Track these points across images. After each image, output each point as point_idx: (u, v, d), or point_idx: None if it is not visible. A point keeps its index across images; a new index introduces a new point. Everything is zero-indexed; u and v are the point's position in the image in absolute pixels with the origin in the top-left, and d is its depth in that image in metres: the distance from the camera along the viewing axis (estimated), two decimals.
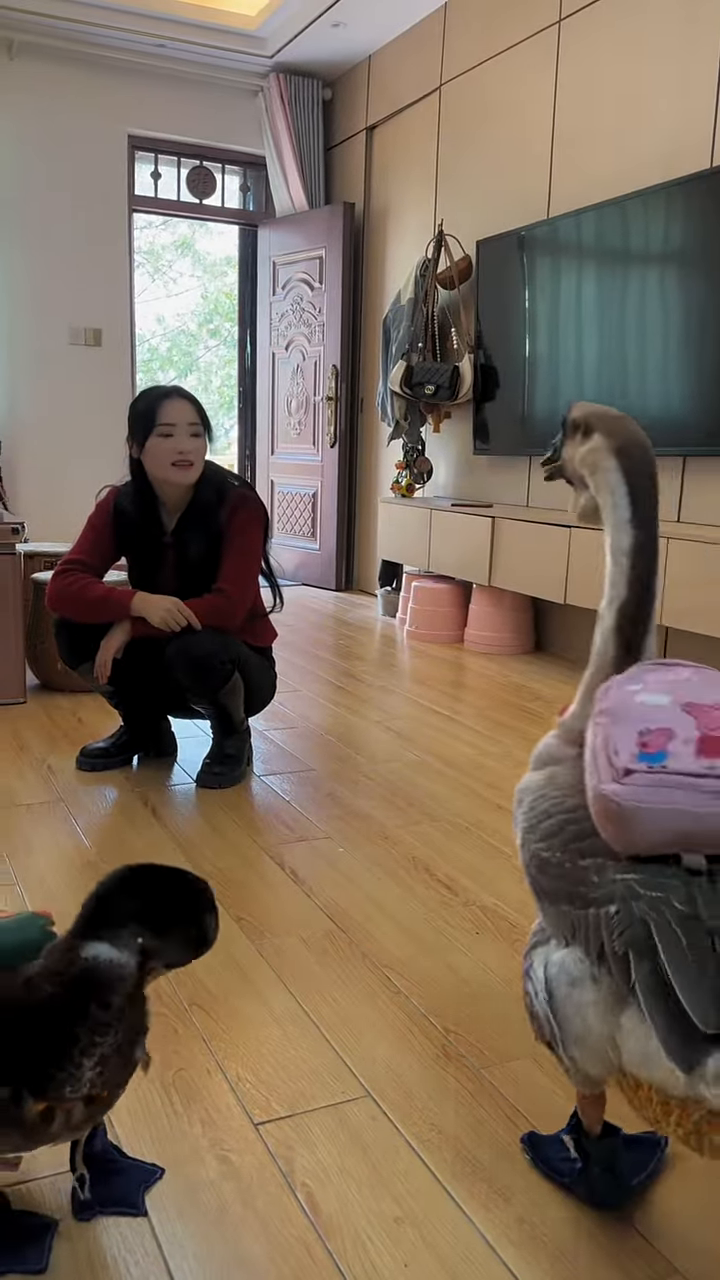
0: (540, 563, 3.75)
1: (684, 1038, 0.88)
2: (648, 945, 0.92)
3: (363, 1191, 1.17)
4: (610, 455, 1.18)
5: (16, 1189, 1.15)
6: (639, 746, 0.97)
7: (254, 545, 2.52)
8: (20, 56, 5.23)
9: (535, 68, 4.17)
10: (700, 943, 0.89)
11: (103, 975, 0.95)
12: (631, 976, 0.93)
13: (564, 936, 1.05)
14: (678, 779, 0.94)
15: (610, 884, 0.98)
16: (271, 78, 5.62)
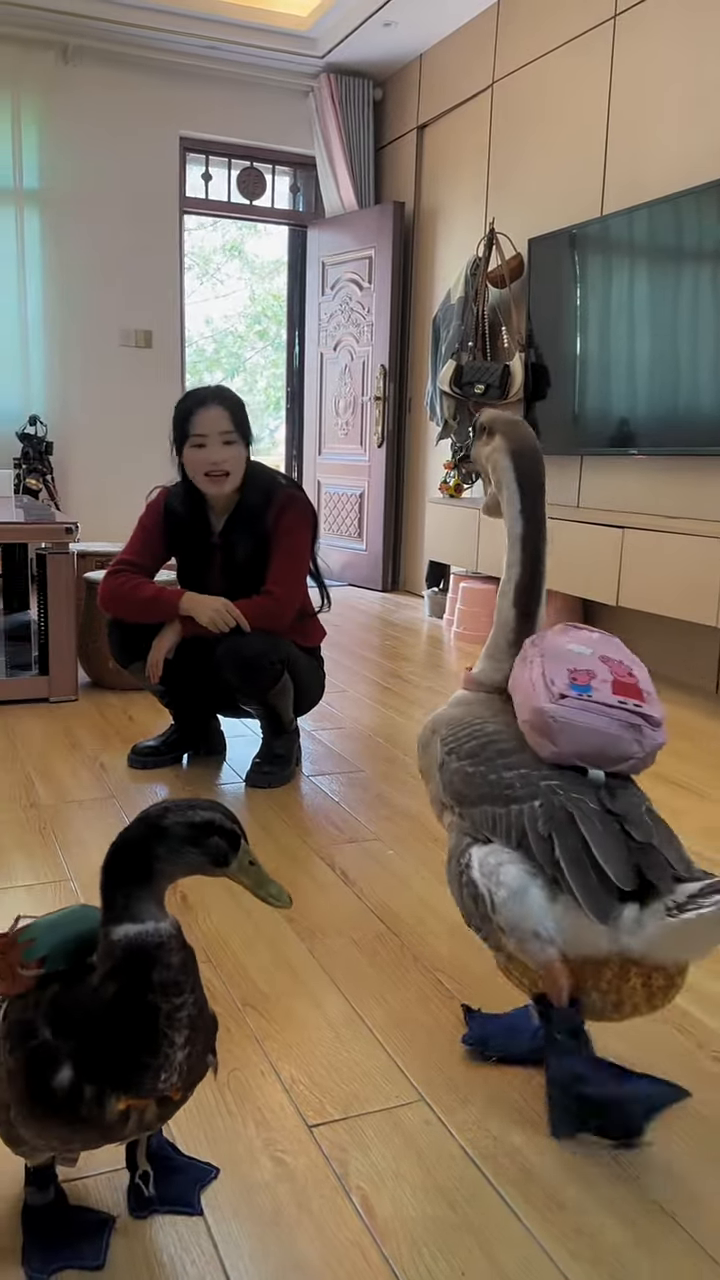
0: (591, 564, 3.71)
1: (602, 897, 1.11)
2: (571, 828, 1.16)
3: (418, 1196, 1.16)
4: (506, 455, 1.42)
5: (73, 1185, 1.15)
6: (571, 679, 1.23)
7: (302, 546, 2.51)
8: (75, 61, 5.29)
9: (590, 64, 4.13)
10: (612, 827, 1.16)
11: (142, 947, 0.95)
12: (555, 852, 1.16)
13: (484, 834, 1.27)
14: (599, 707, 1.21)
15: (534, 786, 1.23)
16: (322, 78, 5.62)
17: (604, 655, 1.28)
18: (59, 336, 5.49)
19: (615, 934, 1.09)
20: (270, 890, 1.00)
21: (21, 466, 5.28)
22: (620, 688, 1.23)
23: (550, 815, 1.18)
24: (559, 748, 1.22)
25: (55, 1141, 0.98)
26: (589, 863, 1.13)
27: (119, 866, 0.96)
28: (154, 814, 0.96)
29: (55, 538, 3.16)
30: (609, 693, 1.22)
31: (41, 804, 2.35)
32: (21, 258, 5.35)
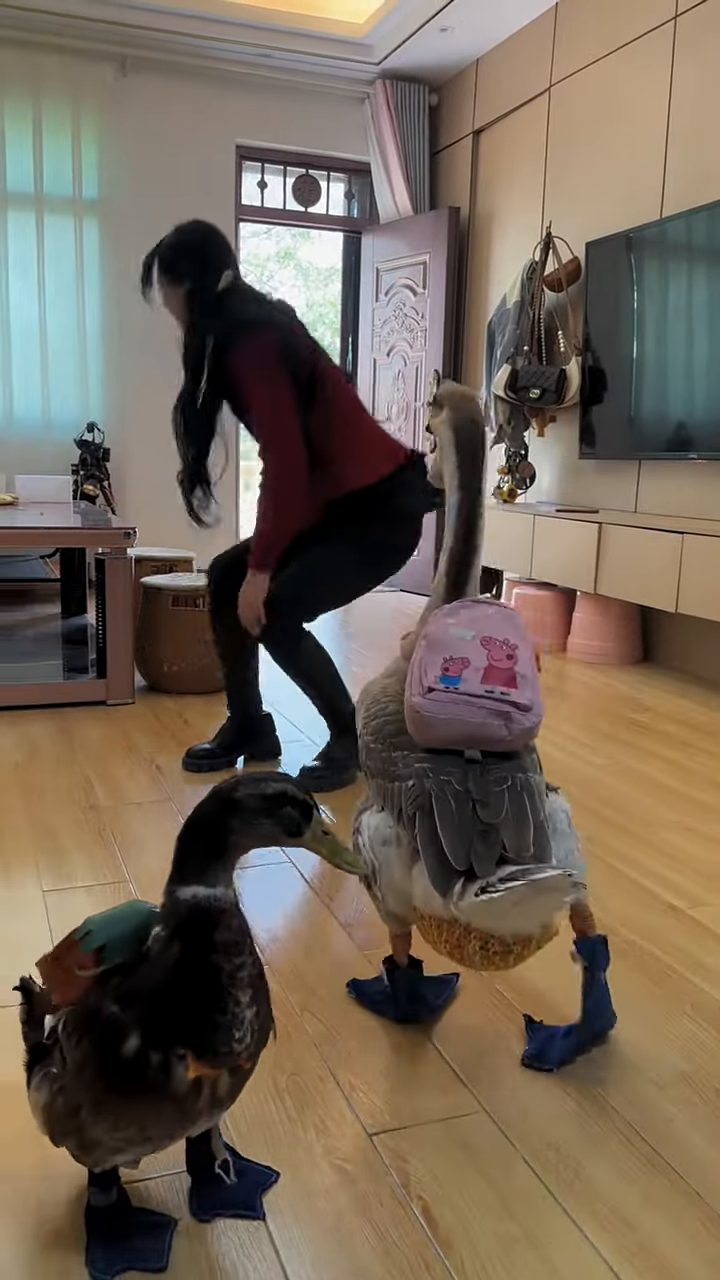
0: (650, 570, 3.66)
1: (444, 872, 1.21)
2: (427, 809, 1.26)
3: (479, 1207, 1.15)
4: (449, 428, 1.48)
5: (135, 1187, 1.16)
6: (442, 670, 1.31)
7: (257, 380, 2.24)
8: (132, 72, 5.37)
9: (650, 65, 4.09)
10: (464, 810, 1.24)
11: (207, 909, 0.97)
12: (415, 830, 1.27)
13: (380, 803, 1.39)
14: (464, 699, 1.28)
15: (410, 767, 1.32)
16: (378, 84, 5.64)
17: (487, 636, 1.34)
18: (116, 345, 5.56)
19: (449, 903, 1.20)
20: (345, 857, 1.03)
21: (79, 473, 5.36)
22: (491, 674, 1.30)
23: (415, 797, 1.29)
24: (427, 738, 1.31)
25: (132, 1128, 0.98)
26: (435, 843, 1.24)
27: (194, 838, 0.99)
28: (227, 788, 0.99)
29: (114, 543, 3.20)
30: (477, 683, 1.30)
31: (100, 806, 2.37)
32: (80, 267, 5.43)
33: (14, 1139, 1.23)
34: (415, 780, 1.30)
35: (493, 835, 1.22)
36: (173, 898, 0.98)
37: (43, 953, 1.66)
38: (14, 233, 5.30)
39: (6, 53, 5.10)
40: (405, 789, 1.31)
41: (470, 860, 1.20)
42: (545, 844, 1.25)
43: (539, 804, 1.28)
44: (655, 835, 2.29)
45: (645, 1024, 1.53)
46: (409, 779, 1.31)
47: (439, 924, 1.26)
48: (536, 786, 1.30)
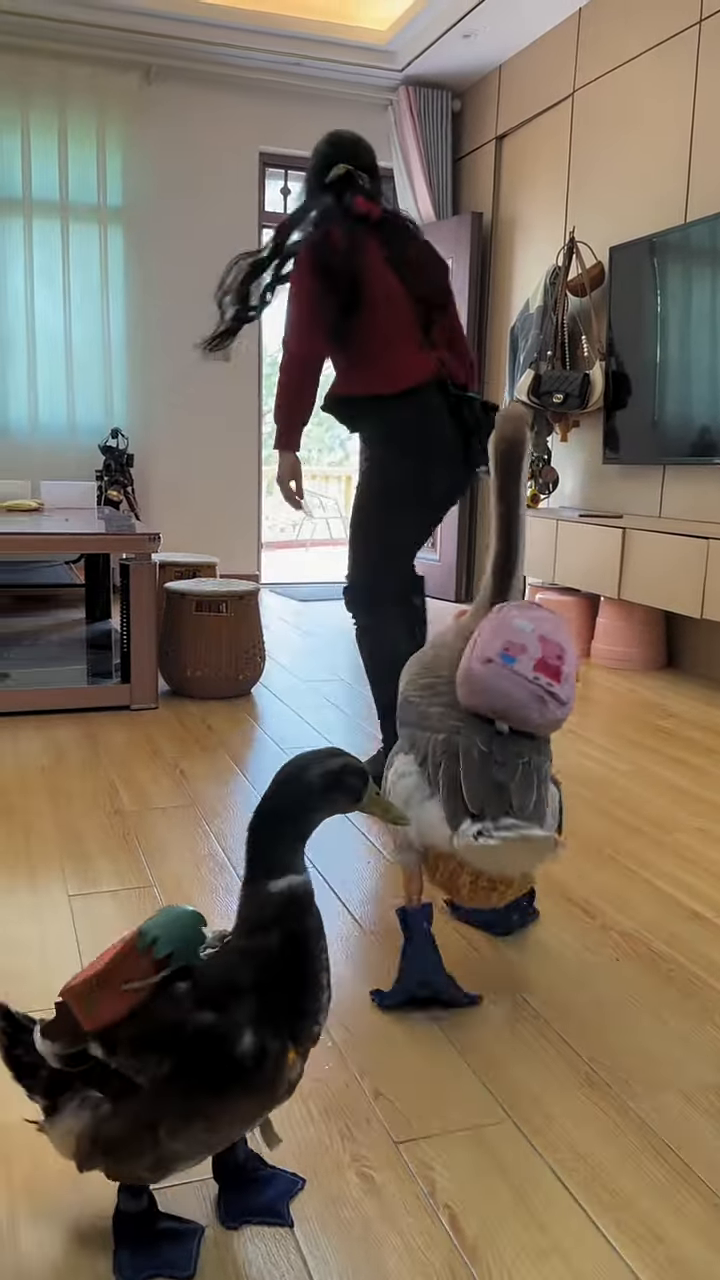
0: (675, 575, 3.64)
1: (455, 810, 1.42)
2: (453, 761, 1.45)
3: (507, 1218, 1.14)
4: (492, 444, 1.66)
5: (163, 1194, 1.16)
6: (503, 649, 1.47)
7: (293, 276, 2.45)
8: (158, 81, 5.41)
9: (674, 70, 4.07)
10: (486, 766, 1.44)
11: (301, 896, 1.00)
12: (438, 774, 1.46)
13: (408, 748, 1.56)
14: (516, 677, 1.45)
15: (445, 724, 1.51)
16: (401, 91, 5.65)
17: (543, 635, 1.50)
18: (140, 351, 5.59)
19: (452, 838, 1.41)
20: (395, 814, 1.11)
21: (104, 479, 5.39)
22: (541, 666, 1.47)
23: (446, 749, 1.48)
24: (473, 702, 1.49)
25: (233, 1127, 0.99)
26: (455, 787, 1.44)
27: (274, 825, 1.00)
28: (296, 770, 1.01)
29: (138, 548, 3.21)
30: (530, 668, 1.46)
31: (125, 810, 2.38)
32: (105, 274, 5.47)
33: (46, 1143, 1.24)
34: (448, 735, 1.49)
35: (505, 792, 1.42)
36: (262, 891, 0.99)
37: (67, 958, 1.67)
38: (39, 240, 5.35)
39: (33, 62, 5.15)
40: (438, 740, 1.50)
41: (482, 806, 1.41)
42: (543, 812, 1.46)
43: (542, 783, 1.48)
44: (680, 842, 2.27)
45: (672, 1034, 1.51)
46: (442, 732, 1.50)
47: (439, 857, 1.49)
48: (542, 770, 1.50)
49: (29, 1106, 1.29)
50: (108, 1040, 1.00)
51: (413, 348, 2.48)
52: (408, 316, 2.49)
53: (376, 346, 2.46)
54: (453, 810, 1.43)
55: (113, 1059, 0.99)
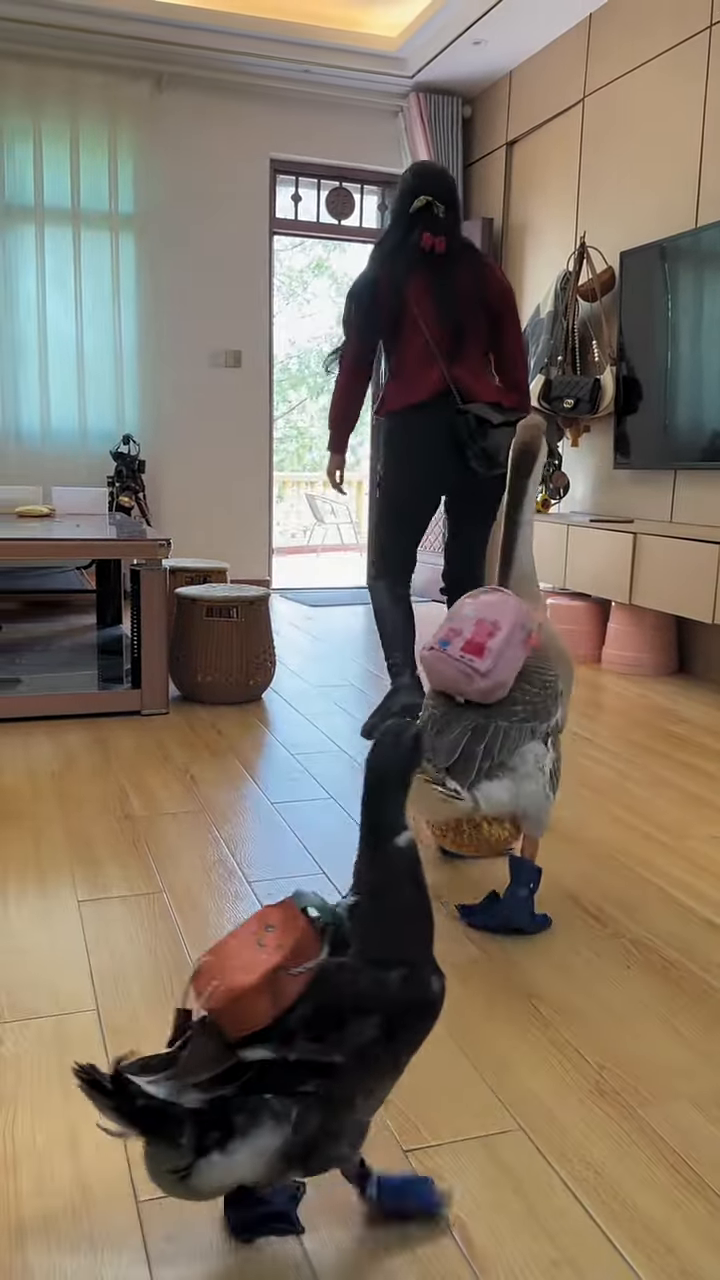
0: (686, 580, 3.63)
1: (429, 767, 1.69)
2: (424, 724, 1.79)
3: (517, 1228, 1.13)
4: (512, 447, 1.94)
5: (163, 1207, 1.15)
6: (445, 635, 1.76)
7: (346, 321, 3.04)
8: (169, 89, 5.43)
9: (684, 75, 4.07)
10: (444, 730, 1.73)
11: (414, 845, 1.07)
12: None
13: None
14: (447, 659, 1.74)
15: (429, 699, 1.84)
16: (411, 97, 5.66)
17: (481, 618, 1.76)
18: (151, 357, 5.61)
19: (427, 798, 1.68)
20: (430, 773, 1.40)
21: (115, 485, 5.40)
22: (469, 646, 1.73)
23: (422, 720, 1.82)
24: (429, 681, 1.81)
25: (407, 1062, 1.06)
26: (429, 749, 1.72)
27: (391, 786, 1.06)
28: (392, 737, 1.06)
29: (149, 554, 3.22)
30: (459, 649, 1.73)
31: (135, 815, 2.38)
32: (116, 281, 5.49)
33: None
34: (425, 709, 1.85)
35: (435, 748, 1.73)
36: (390, 848, 1.05)
37: (76, 964, 1.67)
38: (51, 247, 5.37)
39: (45, 71, 5.18)
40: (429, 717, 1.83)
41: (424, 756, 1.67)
42: (467, 770, 1.69)
43: (495, 745, 1.71)
44: (691, 848, 2.26)
45: (684, 1042, 1.50)
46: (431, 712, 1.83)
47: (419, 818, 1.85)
48: (504, 733, 1.73)
49: (34, 1114, 1.29)
50: (282, 1035, 0.94)
51: (422, 370, 2.92)
52: (430, 341, 2.90)
53: (394, 372, 3.00)
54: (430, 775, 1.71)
55: (290, 1050, 0.94)
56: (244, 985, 0.93)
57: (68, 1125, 1.29)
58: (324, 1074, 0.95)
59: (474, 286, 2.92)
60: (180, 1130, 0.92)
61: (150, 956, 1.72)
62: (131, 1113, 0.90)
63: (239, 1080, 0.94)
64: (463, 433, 2.88)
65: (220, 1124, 0.93)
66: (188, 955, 1.73)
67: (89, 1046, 1.46)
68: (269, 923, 1.01)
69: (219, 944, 1.01)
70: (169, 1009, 1.56)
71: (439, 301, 2.88)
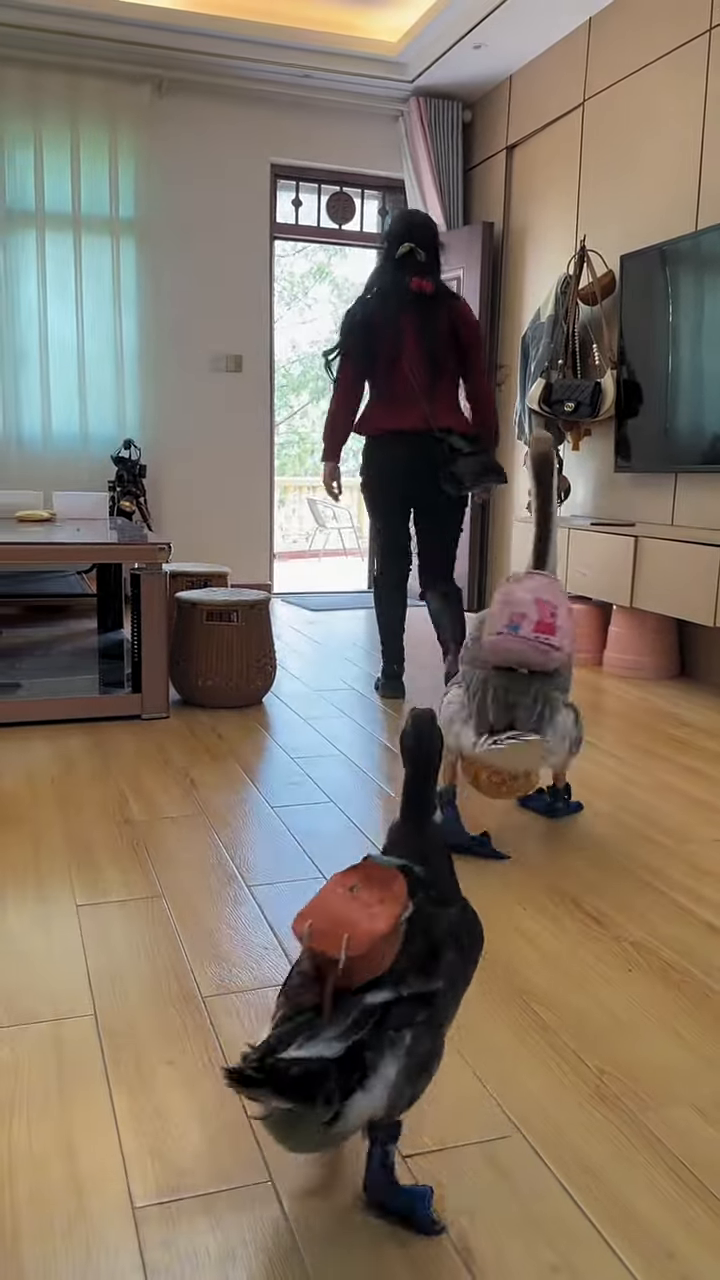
0: (687, 583, 3.62)
1: (480, 729, 2.09)
2: (484, 693, 2.12)
3: (516, 1234, 1.12)
4: (527, 461, 2.44)
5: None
6: (510, 620, 2.13)
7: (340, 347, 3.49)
8: (169, 93, 5.44)
9: (684, 78, 4.07)
10: (500, 695, 2.10)
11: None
12: (473, 703, 2.14)
13: (462, 680, 2.22)
14: (521, 640, 2.10)
15: (480, 671, 2.17)
16: (411, 102, 5.67)
17: (540, 599, 2.15)
18: (153, 362, 5.62)
19: (477, 745, 2.08)
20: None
21: (116, 489, 5.41)
22: (540, 626, 2.12)
23: (479, 684, 2.16)
24: (494, 660, 2.15)
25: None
26: (483, 712, 2.12)
27: (428, 773, 1.22)
28: (426, 727, 1.21)
29: (149, 558, 3.21)
30: (530, 630, 2.11)
31: (135, 820, 2.37)
32: (117, 286, 5.50)
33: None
34: (483, 677, 2.15)
35: (513, 713, 2.10)
36: (430, 826, 1.22)
37: (74, 968, 1.66)
38: (52, 252, 5.38)
39: (45, 76, 5.19)
40: (478, 676, 2.16)
41: (494, 725, 2.09)
42: (542, 728, 2.09)
43: (549, 706, 2.12)
44: (693, 852, 2.25)
45: (685, 1046, 1.49)
46: (480, 675, 2.16)
47: (466, 759, 2.12)
48: (552, 699, 2.13)
49: (30, 1120, 1.29)
50: (395, 976, 1.07)
51: (407, 402, 3.38)
52: (416, 376, 3.36)
53: (379, 396, 3.44)
54: (479, 727, 2.10)
55: (404, 987, 1.07)
56: (381, 932, 1.05)
57: (64, 1131, 1.28)
58: (428, 1002, 1.09)
59: (449, 324, 3.38)
60: (329, 1082, 1.00)
61: (148, 961, 1.71)
62: (287, 1086, 0.97)
63: (369, 1023, 1.04)
64: (438, 458, 3.35)
65: (357, 1065, 1.03)
66: (186, 959, 1.72)
67: (86, 1051, 1.45)
68: (350, 884, 1.12)
69: (313, 909, 1.09)
70: (167, 1013, 1.55)
71: (422, 339, 3.34)
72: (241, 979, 1.66)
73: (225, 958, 1.73)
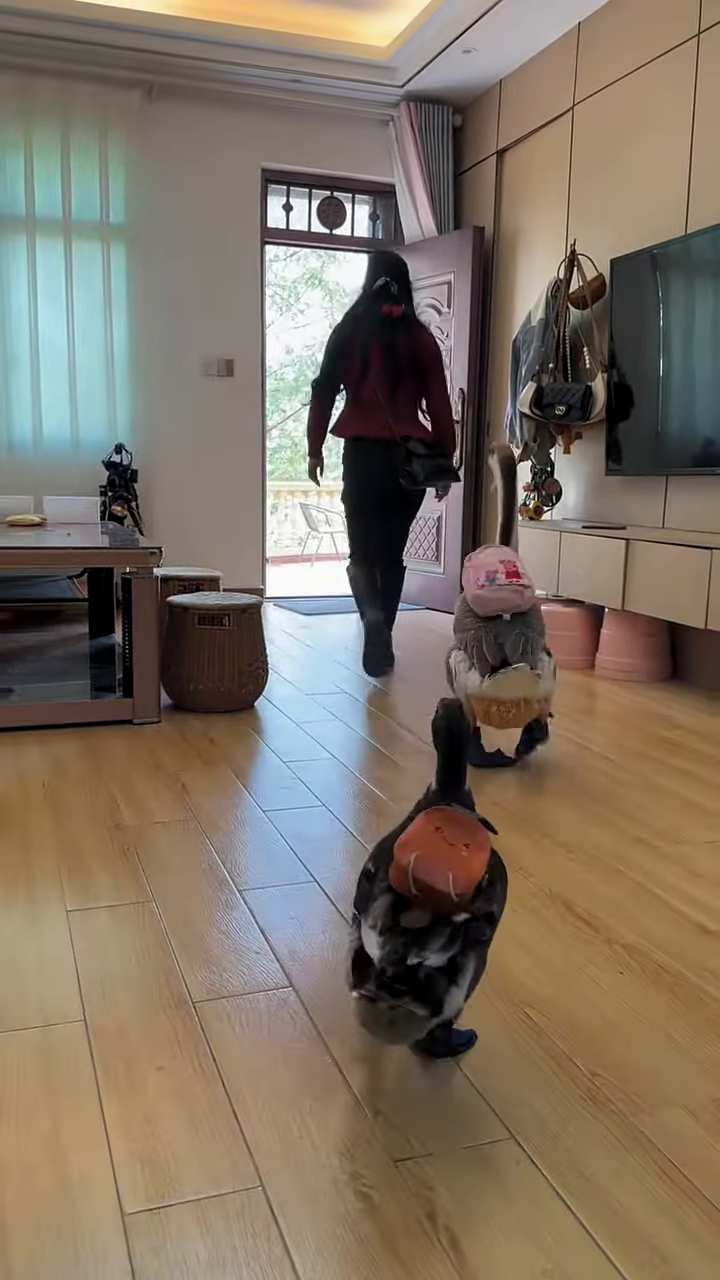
0: (678, 586, 3.62)
1: (483, 670, 2.68)
2: (479, 643, 2.73)
3: (508, 1238, 1.12)
4: (495, 462, 3.05)
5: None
6: (487, 577, 2.75)
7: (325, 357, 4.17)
8: (159, 98, 5.44)
9: (673, 82, 4.08)
10: (494, 642, 2.70)
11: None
12: (472, 653, 2.73)
13: (459, 644, 2.79)
14: (497, 588, 2.72)
15: (473, 626, 2.77)
16: (402, 106, 5.68)
17: (502, 559, 2.80)
18: (144, 367, 5.61)
19: (481, 684, 2.66)
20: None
21: (107, 494, 5.40)
22: (509, 574, 2.73)
23: (476, 637, 2.74)
24: (485, 609, 2.74)
25: None
26: (482, 657, 2.69)
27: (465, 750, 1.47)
28: (459, 711, 1.45)
29: (140, 562, 3.20)
30: (504, 578, 2.71)
31: (125, 825, 2.36)
32: (108, 291, 5.49)
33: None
34: (474, 631, 2.76)
35: (502, 651, 2.68)
36: (465, 792, 1.48)
37: (64, 974, 1.65)
38: (43, 258, 5.37)
39: (36, 81, 5.19)
40: (469, 635, 2.77)
41: (492, 664, 2.67)
42: (531, 659, 2.67)
43: (530, 645, 2.70)
44: (686, 854, 2.25)
45: (677, 1049, 1.49)
46: (471, 630, 2.77)
47: (477, 699, 2.68)
48: (532, 640, 2.72)
49: (18, 1126, 1.28)
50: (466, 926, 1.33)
51: (373, 412, 4.00)
52: (379, 389, 3.97)
53: (351, 403, 4.08)
54: (481, 670, 2.68)
55: (473, 906, 1.32)
56: (479, 876, 1.32)
57: (53, 1137, 1.27)
58: (491, 922, 1.37)
59: (411, 348, 3.97)
60: (441, 985, 1.30)
61: (139, 966, 1.70)
62: (420, 990, 1.28)
63: (460, 939, 1.32)
64: (398, 459, 3.96)
65: (451, 970, 1.31)
66: (177, 964, 1.71)
67: (76, 1057, 1.44)
68: (436, 824, 1.38)
69: (414, 841, 1.34)
70: (157, 1019, 1.54)
71: (386, 360, 3.95)
72: (232, 984, 1.65)
73: (216, 962, 1.72)
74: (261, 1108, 1.34)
